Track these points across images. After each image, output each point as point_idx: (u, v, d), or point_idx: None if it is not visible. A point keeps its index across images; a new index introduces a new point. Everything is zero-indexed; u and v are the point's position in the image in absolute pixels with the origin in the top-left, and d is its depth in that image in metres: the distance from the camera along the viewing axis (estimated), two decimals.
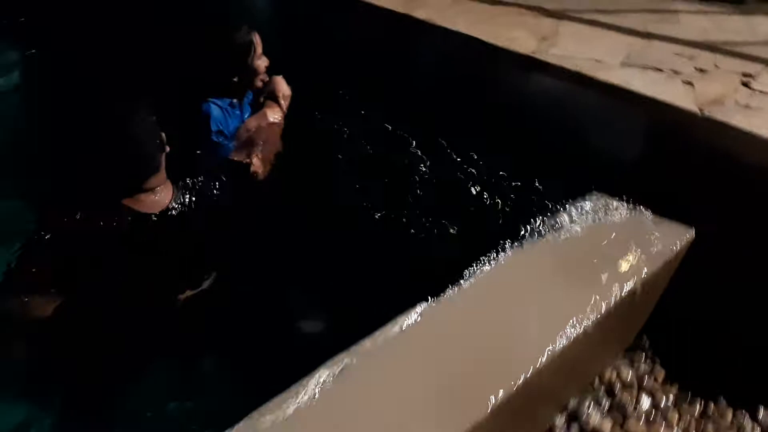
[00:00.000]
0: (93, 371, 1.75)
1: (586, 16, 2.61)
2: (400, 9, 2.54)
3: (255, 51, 2.29)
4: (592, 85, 2.09)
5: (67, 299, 1.68)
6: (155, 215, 1.81)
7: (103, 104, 1.84)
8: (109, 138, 1.73)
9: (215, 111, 2.26)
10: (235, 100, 2.35)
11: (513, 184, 2.17)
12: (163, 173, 1.85)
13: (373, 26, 2.65)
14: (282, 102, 2.43)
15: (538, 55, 2.22)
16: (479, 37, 2.34)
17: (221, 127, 2.27)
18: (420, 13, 2.50)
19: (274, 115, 2.39)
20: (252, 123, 2.36)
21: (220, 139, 2.26)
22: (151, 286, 1.80)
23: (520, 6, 2.67)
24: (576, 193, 1.97)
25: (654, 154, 1.99)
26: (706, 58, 2.22)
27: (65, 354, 1.75)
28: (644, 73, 2.13)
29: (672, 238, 1.81)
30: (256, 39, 2.29)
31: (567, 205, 1.92)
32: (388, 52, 2.63)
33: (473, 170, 2.26)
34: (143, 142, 1.77)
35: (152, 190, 1.82)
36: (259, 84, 2.39)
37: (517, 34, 2.39)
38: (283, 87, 2.46)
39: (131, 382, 1.82)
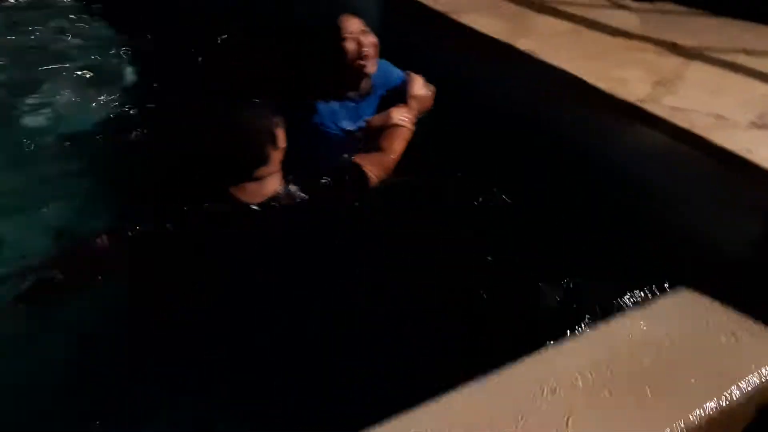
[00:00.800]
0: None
1: (725, 57, 2.20)
2: (503, 37, 2.30)
3: (342, 33, 2.06)
4: (704, 148, 1.73)
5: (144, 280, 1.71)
6: (256, 206, 1.78)
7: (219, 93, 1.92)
8: (221, 125, 1.77)
9: (322, 107, 2.13)
10: (352, 96, 2.17)
11: (582, 262, 1.85)
12: (272, 166, 1.80)
13: (476, 55, 2.42)
14: (413, 103, 2.21)
15: (644, 104, 1.89)
16: (579, 75, 2.04)
17: (327, 122, 2.14)
18: (523, 44, 2.25)
19: (401, 116, 2.14)
20: (373, 122, 2.17)
21: (331, 130, 2.14)
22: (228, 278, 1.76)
23: (646, 39, 2.32)
24: (662, 283, 1.65)
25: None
26: None
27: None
28: None
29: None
30: (345, 23, 2.07)
31: (646, 300, 1.60)
32: (492, 86, 2.39)
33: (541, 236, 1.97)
34: (254, 131, 1.77)
35: (259, 179, 1.79)
36: (365, 68, 2.11)
37: (630, 75, 2.06)
38: (415, 87, 2.23)
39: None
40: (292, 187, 1.85)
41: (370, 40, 2.07)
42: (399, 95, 2.25)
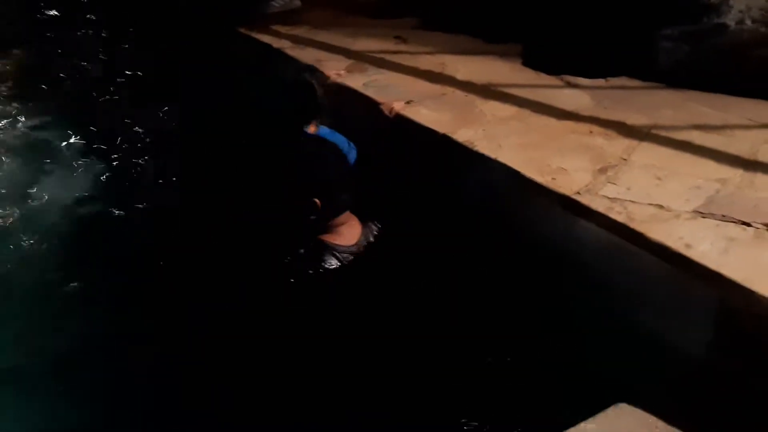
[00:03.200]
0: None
1: (677, 135, 2.07)
2: (442, 128, 2.21)
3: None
4: (641, 243, 1.58)
5: None
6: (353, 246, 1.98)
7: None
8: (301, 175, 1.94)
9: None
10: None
11: (509, 369, 1.69)
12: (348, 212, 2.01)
13: (421, 147, 2.33)
14: None
15: (580, 197, 1.76)
16: (516, 168, 1.92)
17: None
18: (462, 134, 2.15)
19: None
20: None
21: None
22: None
23: (594, 121, 2.20)
24: (596, 399, 1.47)
25: (718, 355, 1.43)
26: None
27: None
28: (721, 228, 1.58)
29: None
30: None
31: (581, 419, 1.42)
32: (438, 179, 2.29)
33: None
34: (333, 184, 1.95)
35: (341, 225, 2.00)
36: None
37: (570, 164, 1.93)
38: None
39: None
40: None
41: None
42: None
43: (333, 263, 1.92)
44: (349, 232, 2.01)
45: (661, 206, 1.68)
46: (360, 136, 2.41)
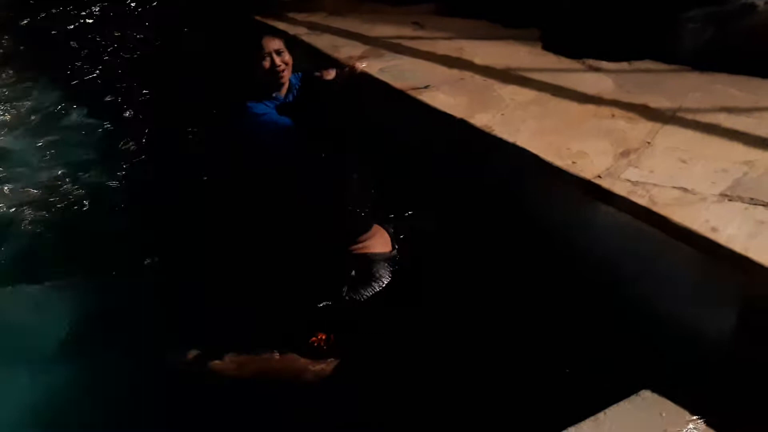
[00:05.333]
0: None
1: (706, 118, 2.00)
2: (459, 113, 2.16)
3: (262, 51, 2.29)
4: (664, 227, 1.53)
5: None
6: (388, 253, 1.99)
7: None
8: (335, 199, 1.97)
9: (255, 105, 2.26)
10: (276, 96, 2.33)
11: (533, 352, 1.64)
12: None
13: (438, 131, 2.28)
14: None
15: (600, 181, 1.70)
16: (536, 152, 1.87)
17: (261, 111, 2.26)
18: (480, 119, 2.10)
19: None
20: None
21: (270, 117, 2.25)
22: None
23: (617, 104, 2.14)
24: (620, 385, 1.42)
25: (743, 341, 1.37)
26: None
27: None
28: (749, 211, 1.51)
29: None
30: (264, 42, 2.30)
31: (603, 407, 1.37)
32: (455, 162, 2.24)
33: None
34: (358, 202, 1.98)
35: (373, 236, 2.00)
36: (280, 78, 2.32)
37: (591, 148, 1.88)
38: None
39: None
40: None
41: (284, 58, 2.31)
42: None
43: (384, 275, 1.92)
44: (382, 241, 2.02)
45: (685, 189, 1.62)
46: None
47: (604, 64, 2.47)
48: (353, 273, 1.91)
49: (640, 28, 2.55)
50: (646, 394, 1.38)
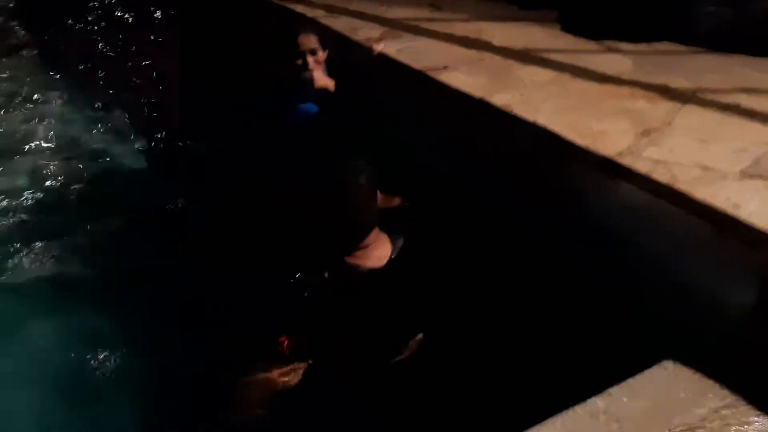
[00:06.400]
0: None
1: (722, 98, 2.01)
2: (479, 93, 2.18)
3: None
4: (686, 205, 1.55)
5: None
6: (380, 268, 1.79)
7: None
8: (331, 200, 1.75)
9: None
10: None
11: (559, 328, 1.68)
12: (376, 229, 1.81)
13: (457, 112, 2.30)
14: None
15: (622, 158, 1.73)
16: (556, 130, 1.89)
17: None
18: (499, 98, 2.12)
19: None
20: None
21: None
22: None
23: (636, 84, 2.15)
24: (643, 356, 1.45)
25: (764, 317, 1.40)
26: None
27: None
28: None
29: None
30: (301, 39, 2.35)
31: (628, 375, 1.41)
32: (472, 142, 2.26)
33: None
34: (361, 203, 1.76)
35: (369, 246, 1.79)
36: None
37: (612, 126, 1.90)
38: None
39: None
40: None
41: (317, 57, 2.38)
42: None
43: (368, 292, 1.75)
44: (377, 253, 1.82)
45: (706, 167, 1.65)
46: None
47: (623, 45, 2.49)
48: (331, 278, 1.76)
49: (658, 9, 2.56)
50: (668, 364, 1.41)
